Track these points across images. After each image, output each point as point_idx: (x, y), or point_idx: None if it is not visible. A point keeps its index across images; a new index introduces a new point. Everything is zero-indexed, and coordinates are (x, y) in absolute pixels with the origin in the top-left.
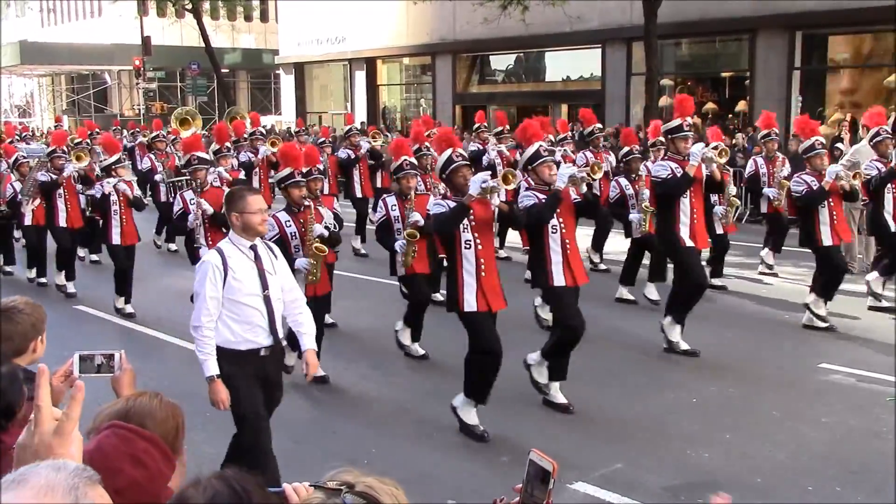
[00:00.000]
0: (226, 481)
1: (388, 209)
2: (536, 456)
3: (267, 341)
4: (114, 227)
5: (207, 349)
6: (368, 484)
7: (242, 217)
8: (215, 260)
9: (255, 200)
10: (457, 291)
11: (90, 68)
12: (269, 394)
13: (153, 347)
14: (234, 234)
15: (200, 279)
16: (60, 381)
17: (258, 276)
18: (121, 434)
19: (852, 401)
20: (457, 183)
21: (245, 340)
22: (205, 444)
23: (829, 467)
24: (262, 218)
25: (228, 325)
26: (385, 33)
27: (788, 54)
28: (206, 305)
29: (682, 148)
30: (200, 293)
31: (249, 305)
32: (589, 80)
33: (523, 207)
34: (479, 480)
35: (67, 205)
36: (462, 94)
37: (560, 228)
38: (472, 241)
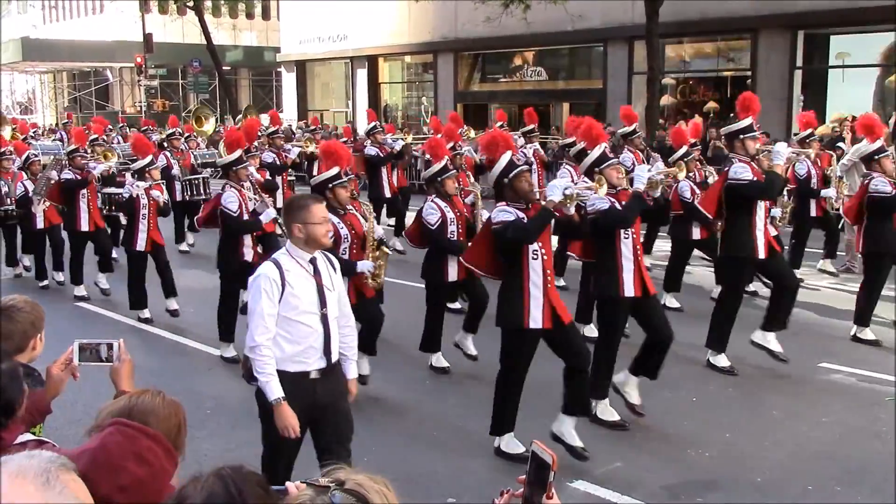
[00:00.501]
0: (223, 480)
1: (443, 211)
2: (538, 448)
3: (319, 363)
4: (140, 233)
5: (268, 370)
6: (358, 481)
7: (306, 228)
8: (272, 273)
9: (319, 210)
10: (521, 306)
11: (92, 65)
12: (321, 419)
13: (155, 344)
14: (292, 245)
15: (255, 295)
16: (60, 370)
17: (317, 293)
18: (125, 432)
19: (852, 401)
20: (520, 188)
21: (294, 361)
22: (204, 442)
23: (828, 467)
24: (326, 229)
25: (279, 344)
26: (387, 31)
27: (790, 53)
28: (263, 323)
29: (752, 148)
30: (256, 310)
31: (305, 324)
32: (590, 78)
33: (597, 211)
34: (480, 479)
35: (90, 206)
36: (463, 93)
37: (632, 234)
38: (539, 251)
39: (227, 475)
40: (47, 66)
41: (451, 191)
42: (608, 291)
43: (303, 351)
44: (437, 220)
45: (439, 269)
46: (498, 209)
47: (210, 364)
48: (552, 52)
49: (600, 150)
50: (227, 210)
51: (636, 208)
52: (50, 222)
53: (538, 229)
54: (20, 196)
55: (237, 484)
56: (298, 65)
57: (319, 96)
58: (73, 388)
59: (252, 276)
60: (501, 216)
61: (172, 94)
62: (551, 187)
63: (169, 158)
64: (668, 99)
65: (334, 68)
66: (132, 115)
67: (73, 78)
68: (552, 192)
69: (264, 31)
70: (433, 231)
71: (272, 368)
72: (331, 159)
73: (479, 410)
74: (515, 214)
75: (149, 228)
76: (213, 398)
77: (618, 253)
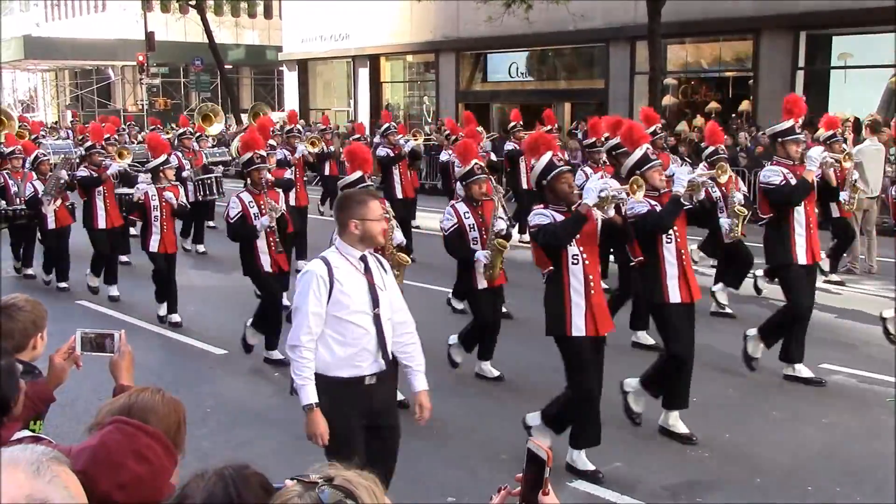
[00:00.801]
0: (224, 481)
1: (461, 216)
2: (533, 445)
3: (374, 368)
4: (153, 234)
5: (306, 373)
6: (347, 478)
7: (363, 225)
8: (320, 270)
9: (376, 206)
10: (563, 313)
11: (94, 63)
12: (375, 427)
13: (155, 342)
14: (342, 242)
15: (303, 291)
16: (63, 359)
17: (368, 292)
18: (124, 430)
19: (853, 401)
20: (560, 191)
21: (348, 365)
22: (204, 440)
23: (829, 468)
24: (383, 227)
25: (330, 347)
26: (389, 31)
27: (792, 54)
28: (307, 322)
29: (794, 152)
30: (302, 308)
31: (357, 325)
32: (592, 78)
33: (636, 215)
34: (479, 478)
35: (107, 203)
36: (465, 92)
37: (675, 237)
38: (580, 255)
39: (228, 475)
40: (49, 65)
41: (476, 195)
42: (654, 298)
43: (356, 354)
44: (451, 227)
45: (470, 277)
46: (534, 212)
47: (210, 363)
48: (554, 52)
49: (642, 151)
50: (228, 216)
51: (674, 212)
52: (61, 223)
53: (569, 233)
54: (29, 196)
55: (237, 484)
56: (300, 64)
57: (321, 95)
58: (73, 386)
59: (301, 273)
60: (536, 219)
61: (174, 93)
62: (586, 190)
63: (180, 158)
64: (669, 99)
65: (336, 67)
66: (135, 114)
67: (75, 76)
68: (586, 195)
69: (266, 29)
70: (445, 236)
71: (310, 372)
72: (354, 163)
73: (480, 410)
74: (551, 217)
75: (162, 231)
76: (213, 397)
77: (660, 258)
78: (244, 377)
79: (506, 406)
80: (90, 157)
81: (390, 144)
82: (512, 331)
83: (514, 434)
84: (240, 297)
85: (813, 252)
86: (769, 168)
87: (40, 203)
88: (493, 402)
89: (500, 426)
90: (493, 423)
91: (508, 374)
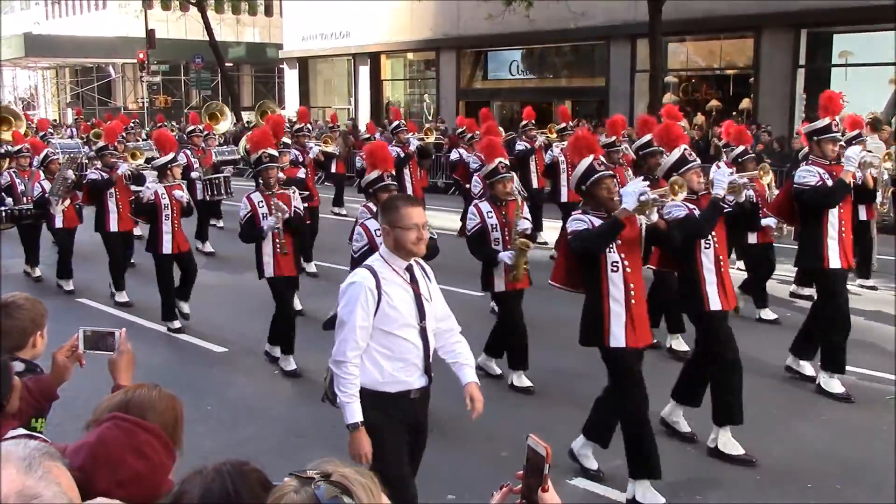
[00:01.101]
0: (221, 476)
1: (484, 216)
2: (533, 441)
3: (420, 382)
4: (164, 235)
5: (351, 390)
6: (344, 474)
7: (394, 232)
8: (369, 282)
9: (411, 213)
10: (602, 323)
11: (94, 61)
12: (414, 441)
13: (156, 340)
14: (386, 249)
15: (350, 304)
16: (66, 356)
17: (415, 303)
18: (123, 426)
19: (853, 399)
20: (599, 196)
21: (396, 381)
22: (205, 438)
23: (829, 465)
24: (417, 235)
25: (377, 363)
26: (389, 28)
27: (793, 52)
28: (354, 336)
29: (830, 151)
30: (348, 321)
31: (405, 339)
32: (593, 76)
33: (673, 219)
34: (480, 476)
35: (119, 205)
36: (466, 90)
37: (713, 243)
38: (620, 262)
39: (226, 471)
40: (50, 62)
41: (501, 195)
42: (693, 306)
43: (403, 368)
44: (474, 227)
45: (488, 279)
46: (573, 218)
47: (211, 361)
48: (555, 50)
49: (679, 152)
50: (240, 216)
51: (713, 217)
52: (69, 224)
53: (604, 239)
54: (37, 196)
55: (235, 480)
56: (301, 61)
57: (322, 93)
58: (73, 384)
59: (346, 283)
60: (573, 225)
61: (175, 91)
62: (625, 193)
63: (189, 157)
64: (670, 97)
65: (337, 65)
66: (137, 112)
67: (76, 74)
68: (626, 199)
69: (267, 27)
70: (468, 237)
71: (356, 389)
72: (374, 162)
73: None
74: (588, 223)
75: (173, 230)
76: (213, 395)
77: (698, 264)
78: (245, 375)
79: (506, 404)
80: (103, 158)
81: (400, 143)
82: None
83: (514, 432)
84: (240, 295)
85: (847, 256)
86: (804, 168)
87: (48, 203)
88: (494, 401)
89: (500, 424)
90: (494, 421)
91: (508, 372)
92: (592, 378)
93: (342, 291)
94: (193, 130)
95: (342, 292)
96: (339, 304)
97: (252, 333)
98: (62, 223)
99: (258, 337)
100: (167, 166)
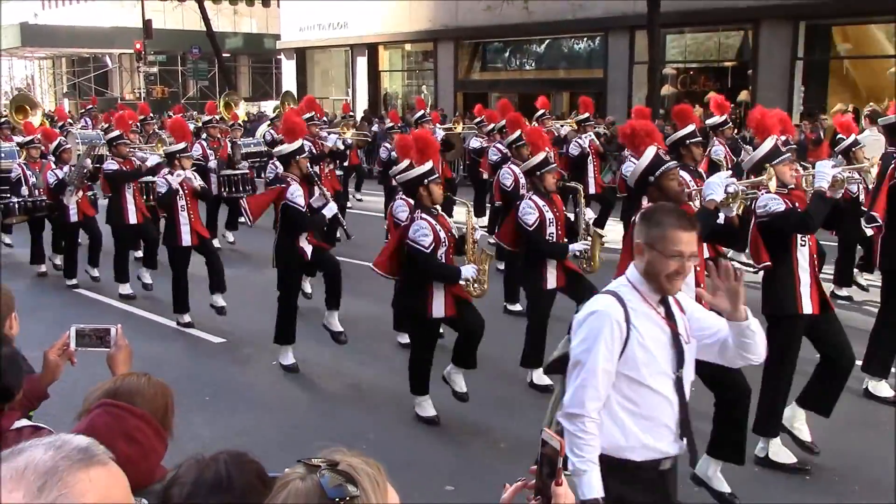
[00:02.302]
0: (217, 464)
1: (542, 210)
2: (547, 435)
3: (673, 448)
4: (182, 226)
5: (589, 453)
6: (351, 464)
7: (649, 254)
8: (615, 312)
9: (679, 238)
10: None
11: (91, 51)
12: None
13: (155, 331)
14: (636, 273)
15: (589, 339)
16: (57, 355)
17: (672, 346)
18: (112, 412)
19: (850, 393)
20: (669, 189)
21: (642, 446)
22: (203, 428)
23: (826, 459)
24: (677, 268)
25: (619, 419)
26: (387, 19)
27: (791, 45)
28: (595, 383)
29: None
30: (587, 362)
31: (656, 391)
32: (591, 68)
33: (771, 213)
34: (478, 467)
35: (136, 197)
36: (464, 81)
37: (807, 241)
38: None
39: (223, 458)
40: (46, 52)
41: (550, 187)
42: (785, 309)
43: (652, 429)
44: (535, 221)
45: (538, 276)
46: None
47: (210, 351)
48: (553, 42)
49: (772, 142)
50: (295, 205)
51: (822, 210)
52: (84, 215)
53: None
54: (53, 185)
55: (230, 467)
56: (298, 52)
57: (319, 84)
58: (70, 375)
59: (583, 312)
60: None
61: (172, 81)
62: (709, 184)
63: (205, 147)
64: (668, 89)
65: (334, 56)
66: (130, 102)
67: (73, 64)
68: (712, 191)
69: (264, 18)
70: (531, 233)
71: (595, 453)
72: (425, 153)
73: (480, 400)
74: None
75: (190, 220)
76: (212, 385)
77: (794, 263)
78: (243, 366)
79: (505, 396)
80: (116, 147)
81: None
82: (518, 324)
83: (512, 423)
84: (240, 287)
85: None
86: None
87: (63, 192)
88: (494, 393)
89: (498, 415)
90: (492, 413)
91: (508, 366)
92: None
93: (578, 323)
94: (210, 121)
95: (578, 324)
96: (574, 340)
97: (251, 325)
98: (76, 216)
99: (256, 328)
100: (176, 154)
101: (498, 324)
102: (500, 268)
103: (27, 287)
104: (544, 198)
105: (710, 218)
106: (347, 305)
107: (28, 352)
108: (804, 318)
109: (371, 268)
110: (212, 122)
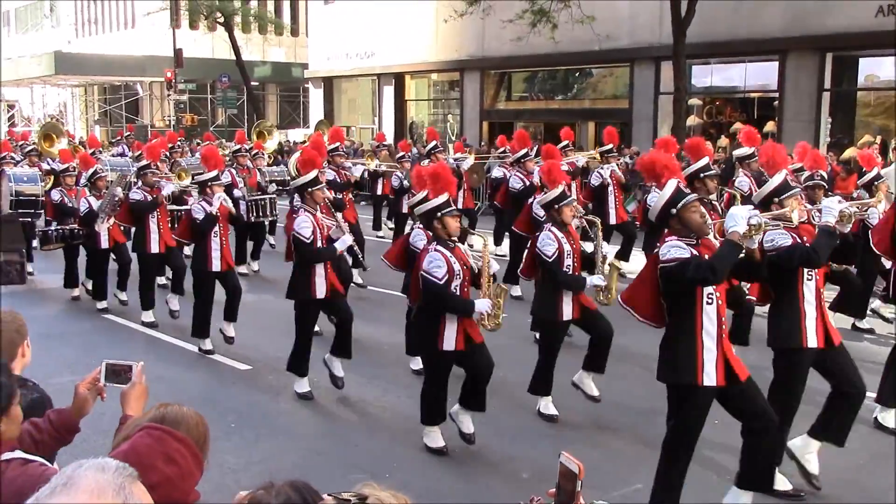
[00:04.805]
0: (297, 490)
1: (560, 241)
2: (565, 458)
3: None
4: (213, 251)
5: None
6: (380, 498)
7: None
8: None
9: None
10: (695, 361)
11: (122, 79)
12: None
13: (178, 357)
14: None
15: None
16: (87, 389)
17: None
18: (154, 434)
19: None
20: (692, 221)
21: None
22: (229, 454)
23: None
24: None
25: None
26: (414, 49)
27: (818, 75)
28: None
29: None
30: None
31: None
32: (617, 98)
33: (777, 248)
34: (500, 497)
35: (160, 226)
36: (489, 111)
37: (814, 275)
38: (714, 294)
39: (301, 485)
40: (79, 80)
41: (567, 220)
42: (789, 342)
43: None
44: (553, 252)
45: (553, 307)
46: (669, 244)
47: (234, 378)
48: (579, 72)
49: (781, 177)
50: (300, 236)
51: (828, 245)
52: (115, 241)
53: (727, 267)
54: (84, 213)
55: (311, 494)
56: (326, 81)
57: (346, 112)
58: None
59: None
60: (675, 252)
61: (201, 109)
62: (732, 216)
63: (234, 176)
64: (694, 119)
65: (361, 85)
66: (160, 129)
67: (104, 91)
68: (735, 223)
69: (293, 47)
70: (550, 263)
71: None
72: (439, 184)
73: (499, 428)
74: (690, 251)
75: (222, 246)
76: (235, 412)
77: (800, 297)
78: (267, 393)
79: (527, 425)
80: (144, 177)
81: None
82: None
83: (535, 453)
84: (265, 314)
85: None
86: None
87: (95, 221)
88: (515, 423)
89: (521, 445)
90: (515, 442)
91: (528, 395)
92: (614, 402)
93: None
94: (239, 150)
95: None
96: None
97: (274, 352)
98: (108, 243)
99: (280, 355)
100: (208, 183)
101: (522, 351)
102: (514, 294)
103: (57, 312)
104: (562, 230)
105: (736, 250)
106: (367, 332)
107: (58, 377)
108: (809, 352)
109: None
110: (241, 151)
